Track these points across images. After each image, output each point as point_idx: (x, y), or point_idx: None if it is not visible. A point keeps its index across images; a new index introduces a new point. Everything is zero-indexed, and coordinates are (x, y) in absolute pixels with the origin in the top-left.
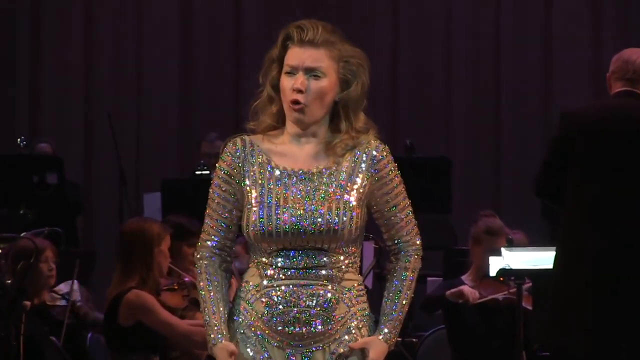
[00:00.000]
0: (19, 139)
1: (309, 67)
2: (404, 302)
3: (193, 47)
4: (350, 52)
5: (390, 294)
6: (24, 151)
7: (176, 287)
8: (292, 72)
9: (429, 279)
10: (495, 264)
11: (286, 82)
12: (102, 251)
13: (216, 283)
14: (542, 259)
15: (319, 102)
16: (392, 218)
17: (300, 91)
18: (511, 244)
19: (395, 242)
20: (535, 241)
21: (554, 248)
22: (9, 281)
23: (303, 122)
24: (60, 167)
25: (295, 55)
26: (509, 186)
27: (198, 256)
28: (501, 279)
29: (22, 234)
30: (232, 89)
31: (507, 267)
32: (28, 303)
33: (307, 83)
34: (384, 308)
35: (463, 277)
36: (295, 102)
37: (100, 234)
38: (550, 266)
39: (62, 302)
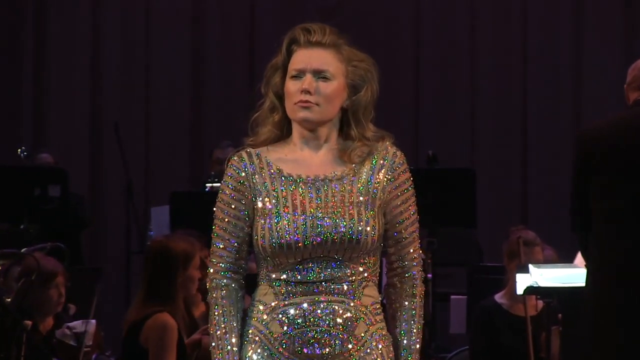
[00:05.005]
0: (19, 150)
1: (317, 69)
2: (418, 329)
3: (204, 55)
4: (358, 56)
5: (403, 325)
6: (24, 162)
7: None
8: (298, 76)
9: (452, 297)
10: (522, 282)
11: (292, 85)
12: (108, 267)
13: (234, 322)
14: (571, 275)
15: (328, 104)
16: (402, 231)
17: (308, 92)
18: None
19: (401, 258)
20: (564, 257)
21: (584, 265)
22: (9, 299)
23: (310, 120)
24: (64, 179)
25: (302, 57)
26: (536, 199)
27: (213, 285)
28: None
29: (23, 250)
30: (244, 99)
31: (534, 285)
32: (29, 323)
33: (315, 85)
34: (399, 340)
35: (496, 297)
36: (303, 103)
37: (105, 250)
38: (579, 283)
39: (72, 342)
